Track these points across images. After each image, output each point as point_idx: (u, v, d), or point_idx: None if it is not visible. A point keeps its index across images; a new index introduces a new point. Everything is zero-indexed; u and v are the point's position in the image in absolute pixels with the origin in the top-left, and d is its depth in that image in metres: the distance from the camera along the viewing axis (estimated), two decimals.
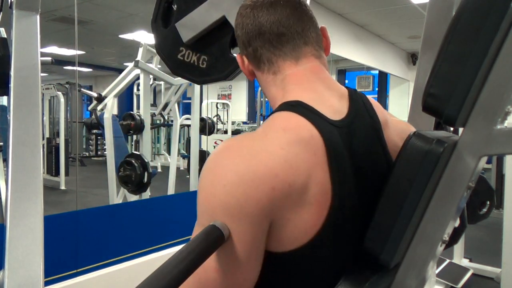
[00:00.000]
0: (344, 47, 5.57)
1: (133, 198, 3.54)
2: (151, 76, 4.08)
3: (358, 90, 0.75)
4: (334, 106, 0.66)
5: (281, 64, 0.69)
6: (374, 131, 0.68)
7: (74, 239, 2.28)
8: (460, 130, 0.62)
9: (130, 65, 3.81)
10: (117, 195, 3.73)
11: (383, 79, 8.67)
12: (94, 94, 4.12)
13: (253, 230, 0.56)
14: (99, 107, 3.99)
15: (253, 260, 0.58)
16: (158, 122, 7.59)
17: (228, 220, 0.55)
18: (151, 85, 4.97)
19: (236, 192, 0.55)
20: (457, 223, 0.86)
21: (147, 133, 3.92)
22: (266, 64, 0.70)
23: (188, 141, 6.47)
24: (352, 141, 0.63)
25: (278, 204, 0.56)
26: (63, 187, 5.88)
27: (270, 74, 0.70)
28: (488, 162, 4.49)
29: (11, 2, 0.96)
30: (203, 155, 4.42)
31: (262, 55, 0.69)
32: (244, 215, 0.55)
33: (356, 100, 0.69)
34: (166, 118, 6.35)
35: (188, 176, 4.14)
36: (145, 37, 5.54)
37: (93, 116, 4.21)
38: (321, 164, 0.58)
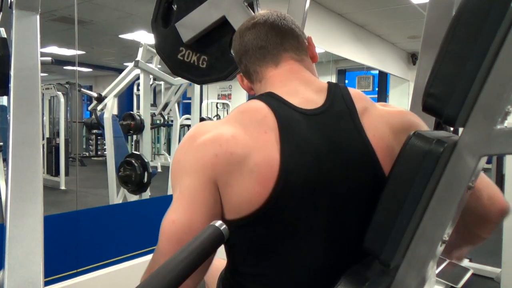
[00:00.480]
0: (344, 47, 5.57)
1: (133, 198, 3.54)
2: (151, 76, 4.08)
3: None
4: (309, 98, 0.74)
5: (264, 71, 0.80)
6: (348, 117, 0.72)
7: (74, 239, 2.28)
8: (460, 130, 0.62)
9: (130, 65, 3.81)
10: (117, 195, 3.73)
11: (383, 79, 8.66)
12: (94, 94, 4.12)
13: (198, 183, 0.66)
14: (99, 107, 3.99)
15: (197, 206, 0.66)
16: (158, 122, 7.59)
17: (183, 176, 0.68)
18: (151, 85, 4.98)
19: (189, 155, 0.69)
20: None
21: (147, 133, 3.92)
22: (254, 74, 0.81)
23: None
24: (322, 126, 0.70)
25: (220, 169, 0.65)
26: (63, 187, 5.88)
27: (258, 82, 0.81)
28: (488, 162, 4.49)
29: (11, 2, 0.96)
30: None
31: (250, 68, 0.81)
32: (192, 172, 0.67)
33: (334, 93, 0.75)
34: (166, 118, 6.35)
35: None
36: (145, 37, 5.53)
37: (93, 116, 4.21)
38: (271, 141, 0.66)
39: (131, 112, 4.11)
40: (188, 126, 6.09)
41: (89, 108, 4.35)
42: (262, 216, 0.65)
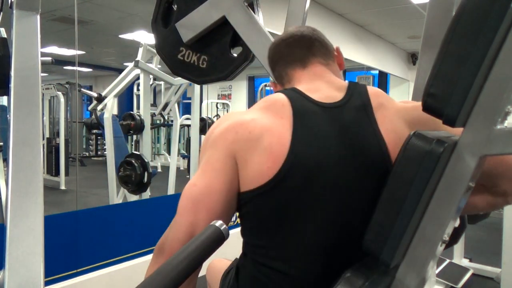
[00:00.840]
0: (344, 47, 5.52)
1: (133, 198, 3.54)
2: (151, 76, 4.08)
3: None
4: (329, 95, 0.82)
5: (292, 72, 0.90)
6: (363, 111, 0.80)
7: (74, 239, 2.28)
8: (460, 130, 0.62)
9: (130, 65, 3.81)
10: (117, 195, 3.73)
11: (383, 79, 8.66)
12: (94, 94, 4.12)
13: (220, 156, 0.76)
14: (99, 107, 3.99)
15: (217, 174, 0.76)
16: (158, 122, 7.58)
17: (208, 149, 0.79)
18: (151, 85, 4.97)
19: (215, 134, 0.79)
20: (457, 223, 0.86)
21: (147, 133, 3.91)
22: (284, 77, 0.92)
23: (188, 141, 6.48)
24: (336, 117, 0.79)
25: (239, 145, 0.75)
26: (63, 187, 5.88)
27: (288, 83, 0.91)
28: None
29: (11, 2, 0.96)
30: None
31: (282, 72, 0.92)
32: (217, 145, 0.77)
33: (353, 90, 0.83)
34: (166, 118, 6.35)
35: (188, 176, 4.14)
36: (145, 37, 5.53)
37: (93, 116, 4.21)
38: (285, 124, 0.76)
39: (131, 112, 4.10)
40: (188, 126, 6.09)
41: (89, 108, 4.34)
42: (270, 187, 0.73)
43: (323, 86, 0.84)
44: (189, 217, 0.75)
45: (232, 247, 0.96)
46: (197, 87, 4.07)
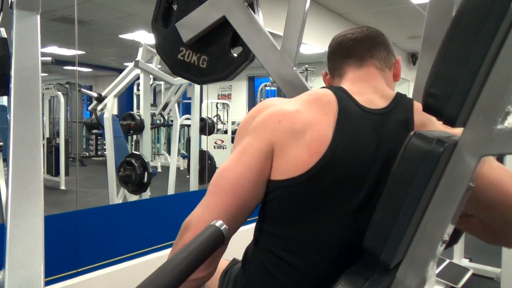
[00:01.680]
0: None
1: (133, 198, 3.54)
2: (151, 76, 4.07)
3: None
4: (372, 100, 0.81)
5: (346, 68, 0.90)
6: (404, 125, 0.79)
7: (74, 239, 2.28)
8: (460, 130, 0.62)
9: (130, 65, 3.81)
10: (117, 195, 3.73)
11: None
12: (94, 94, 4.11)
13: (258, 142, 0.76)
14: (99, 107, 3.98)
15: (251, 160, 0.76)
16: (158, 122, 7.58)
17: (246, 134, 0.79)
18: (151, 85, 4.97)
19: (255, 120, 0.79)
20: None
21: (147, 133, 3.91)
22: (337, 70, 0.92)
23: (188, 141, 6.47)
24: (377, 125, 0.78)
25: (280, 134, 0.75)
26: (63, 187, 5.88)
27: (338, 78, 0.91)
28: None
29: (11, 2, 0.96)
30: (203, 155, 4.42)
31: (336, 63, 0.92)
32: (256, 132, 0.77)
33: (399, 101, 0.83)
34: (166, 118, 6.34)
35: (188, 176, 4.13)
36: (145, 37, 5.53)
37: (93, 116, 4.21)
38: (328, 121, 0.75)
39: (131, 112, 4.10)
40: (188, 126, 6.08)
41: (89, 108, 4.34)
42: (302, 181, 0.73)
43: (368, 90, 0.84)
44: (217, 201, 0.76)
45: (232, 247, 0.96)
46: (197, 87, 4.07)
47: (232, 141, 7.19)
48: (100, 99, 3.96)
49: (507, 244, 0.87)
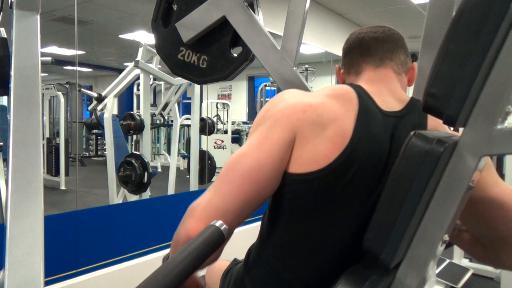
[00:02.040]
0: None
1: (133, 198, 3.54)
2: (151, 76, 4.07)
3: None
4: (388, 102, 0.81)
5: (364, 66, 0.88)
6: (417, 129, 0.76)
7: (74, 239, 2.28)
8: (460, 130, 0.62)
9: (130, 65, 3.80)
10: (117, 195, 3.73)
11: None
12: (94, 94, 4.11)
13: (280, 130, 0.74)
14: (99, 107, 3.98)
15: (272, 148, 0.73)
16: (158, 122, 7.58)
17: (267, 121, 0.75)
18: (151, 85, 4.97)
19: (278, 107, 0.77)
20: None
21: (147, 133, 3.91)
22: (354, 67, 0.90)
23: (188, 141, 6.46)
24: (392, 127, 0.78)
25: (304, 125, 0.73)
26: (63, 187, 5.87)
27: (354, 75, 0.90)
28: None
29: (11, 2, 0.96)
30: (203, 155, 4.41)
31: (353, 60, 0.91)
32: (278, 119, 0.75)
33: (413, 106, 0.83)
34: (166, 118, 6.35)
35: (188, 176, 4.13)
36: (145, 37, 5.53)
37: (93, 116, 4.21)
38: (350, 118, 0.74)
39: (131, 112, 4.10)
40: (188, 126, 6.08)
41: (89, 108, 4.34)
42: (321, 175, 0.72)
43: (385, 92, 0.83)
44: (232, 187, 0.73)
45: (232, 247, 0.95)
46: (197, 87, 4.07)
47: (232, 141, 7.21)
48: (100, 99, 3.96)
49: (495, 263, 0.88)
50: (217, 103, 8.53)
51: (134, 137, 4.53)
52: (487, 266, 2.98)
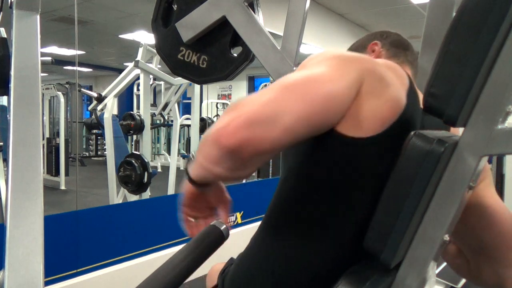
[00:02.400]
0: (344, 47, 5.53)
1: (133, 198, 3.54)
2: (151, 76, 4.07)
3: None
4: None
5: (404, 58, 0.93)
6: (443, 127, 0.73)
7: (74, 239, 2.28)
8: (461, 130, 0.62)
9: (130, 65, 3.81)
10: (117, 195, 3.73)
11: None
12: (94, 94, 4.12)
13: (353, 72, 0.64)
14: (99, 107, 3.99)
15: (349, 82, 0.64)
16: (158, 122, 7.58)
17: (338, 60, 0.66)
18: (151, 85, 4.97)
19: (347, 53, 0.70)
20: None
21: (147, 133, 3.91)
22: (397, 54, 0.93)
23: (188, 141, 6.47)
24: (422, 120, 0.76)
25: (372, 78, 0.65)
26: (63, 187, 5.88)
27: (395, 58, 0.92)
28: (488, 162, 4.47)
29: (11, 2, 0.96)
30: None
31: (399, 48, 0.94)
32: (351, 63, 0.66)
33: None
34: (166, 118, 6.35)
35: None
36: (145, 37, 5.54)
37: (93, 116, 4.21)
38: (403, 90, 0.69)
39: (131, 112, 4.10)
40: (188, 126, 6.09)
41: (89, 108, 4.35)
42: (369, 144, 0.66)
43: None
44: (298, 101, 0.60)
45: (232, 247, 0.95)
46: (197, 87, 4.07)
47: None
48: (100, 99, 3.96)
49: (476, 278, 0.86)
50: (217, 103, 8.54)
51: (134, 137, 4.54)
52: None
